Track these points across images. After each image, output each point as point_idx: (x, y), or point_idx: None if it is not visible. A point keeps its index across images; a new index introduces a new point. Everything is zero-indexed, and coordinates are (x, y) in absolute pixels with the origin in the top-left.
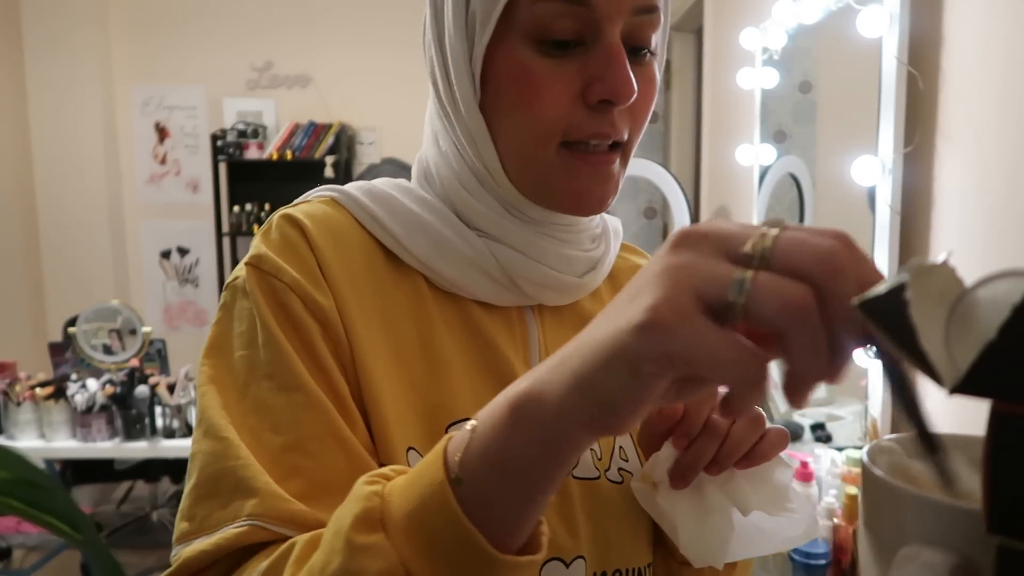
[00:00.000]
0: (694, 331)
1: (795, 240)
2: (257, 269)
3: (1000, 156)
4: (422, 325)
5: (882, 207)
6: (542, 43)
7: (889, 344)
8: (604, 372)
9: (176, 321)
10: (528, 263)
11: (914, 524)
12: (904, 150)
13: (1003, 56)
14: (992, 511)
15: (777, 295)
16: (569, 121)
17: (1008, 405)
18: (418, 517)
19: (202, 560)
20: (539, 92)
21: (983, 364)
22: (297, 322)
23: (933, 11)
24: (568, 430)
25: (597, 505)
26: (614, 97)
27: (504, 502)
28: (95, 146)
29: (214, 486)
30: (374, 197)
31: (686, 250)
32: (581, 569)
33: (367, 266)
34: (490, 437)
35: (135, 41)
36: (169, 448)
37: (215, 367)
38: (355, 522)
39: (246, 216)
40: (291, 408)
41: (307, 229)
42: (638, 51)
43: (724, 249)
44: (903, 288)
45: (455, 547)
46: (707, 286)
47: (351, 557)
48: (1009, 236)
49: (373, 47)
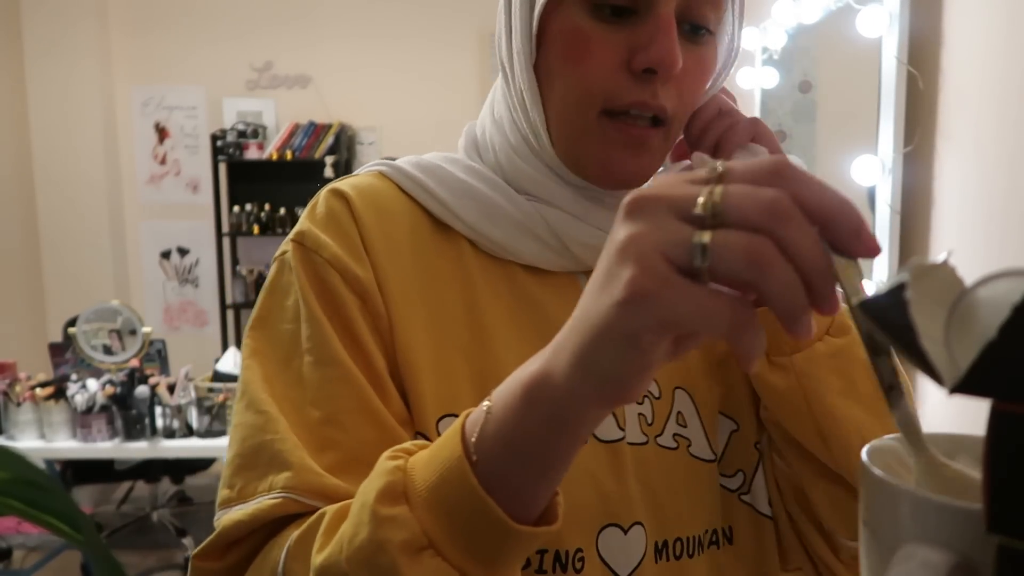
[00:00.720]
0: (677, 294)
1: (740, 195)
2: (300, 245)
3: (1000, 156)
4: (467, 292)
5: (882, 207)
6: (598, 7)
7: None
8: (602, 350)
9: (176, 321)
10: (577, 224)
11: (913, 523)
12: (904, 150)
13: (1003, 56)
14: (992, 511)
15: (736, 253)
16: (612, 87)
17: (1008, 405)
18: (438, 490)
19: (239, 530)
20: (586, 54)
21: (983, 364)
22: (336, 297)
23: (933, 11)
24: (577, 407)
25: (649, 470)
26: (656, 65)
27: (519, 477)
28: (95, 146)
29: (253, 458)
30: (422, 167)
31: (642, 217)
32: (641, 536)
33: (411, 236)
34: (504, 418)
35: (135, 41)
36: (169, 448)
37: (259, 339)
38: (379, 495)
39: (246, 216)
40: (327, 383)
41: (351, 201)
42: (697, 29)
43: (677, 211)
44: (903, 288)
45: (473, 518)
46: (672, 251)
47: (377, 528)
48: (1009, 236)
49: (373, 47)
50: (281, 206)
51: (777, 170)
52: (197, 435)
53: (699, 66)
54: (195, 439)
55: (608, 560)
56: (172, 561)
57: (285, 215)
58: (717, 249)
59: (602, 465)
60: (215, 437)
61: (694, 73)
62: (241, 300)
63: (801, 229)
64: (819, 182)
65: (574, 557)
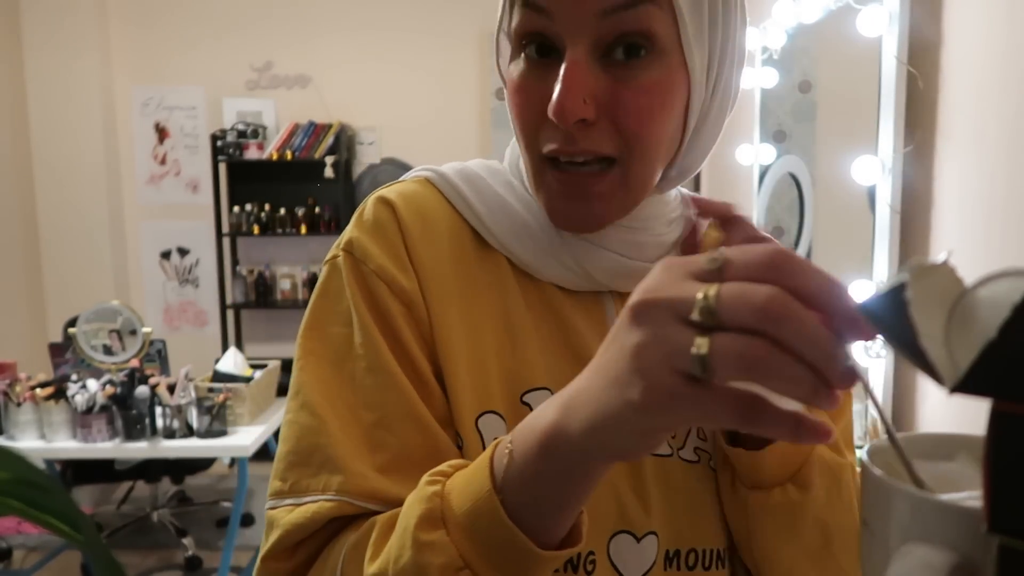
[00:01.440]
0: (684, 403)
1: (734, 298)
2: (349, 254)
3: (1000, 155)
4: (504, 301)
5: (882, 207)
6: (523, 53)
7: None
8: (616, 432)
9: (176, 321)
10: (597, 251)
11: (914, 523)
12: (904, 149)
13: (1003, 56)
14: (992, 511)
15: (733, 360)
16: (539, 135)
17: (1008, 404)
18: (471, 518)
19: (302, 532)
20: (518, 102)
21: (983, 363)
22: (382, 306)
23: (933, 11)
24: (590, 465)
25: (669, 482)
26: (552, 116)
27: (541, 511)
28: (95, 146)
29: (306, 457)
30: (465, 177)
31: (646, 323)
32: (653, 545)
33: (453, 244)
34: (524, 464)
35: (135, 41)
36: (169, 448)
37: (313, 340)
38: (420, 521)
39: (246, 216)
40: (377, 388)
41: (397, 209)
42: (633, 51)
43: (677, 315)
44: (903, 288)
45: (503, 544)
46: (676, 360)
47: (418, 552)
48: (1009, 236)
49: (373, 47)
50: (281, 206)
51: (773, 262)
52: (197, 435)
53: (638, 97)
54: (195, 439)
55: (618, 565)
56: (172, 561)
57: (285, 215)
58: (715, 358)
59: (621, 476)
60: (215, 437)
61: (633, 106)
62: (241, 300)
63: (798, 323)
64: (816, 270)
65: (586, 559)
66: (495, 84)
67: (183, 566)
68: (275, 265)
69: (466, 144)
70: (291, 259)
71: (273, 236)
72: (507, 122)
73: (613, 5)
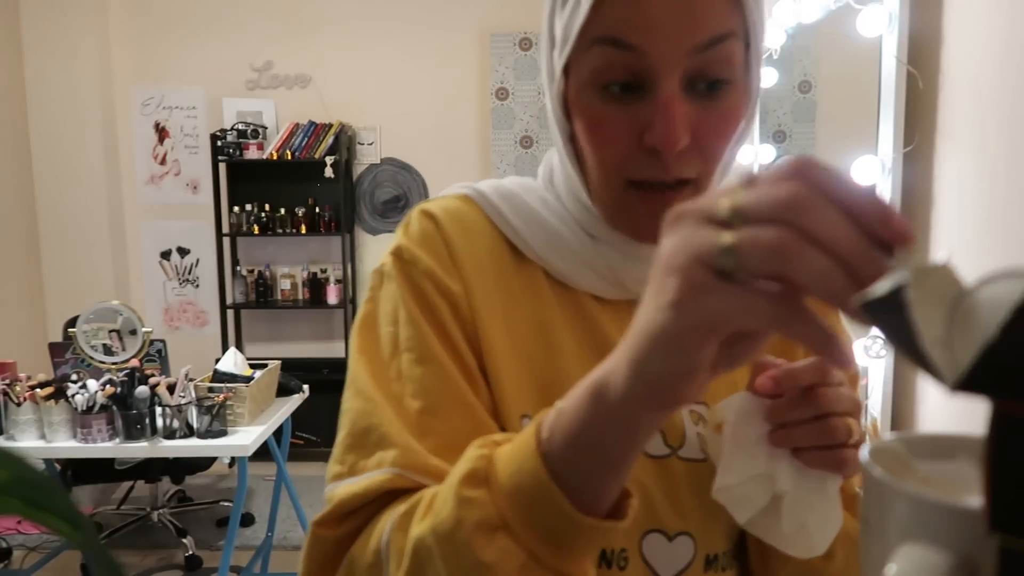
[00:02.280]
0: (715, 296)
1: (760, 193)
2: (399, 258)
3: (1000, 156)
4: (540, 311)
5: None
6: (605, 89)
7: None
8: (652, 353)
9: (176, 321)
10: (633, 264)
11: (914, 523)
12: (904, 150)
13: (1002, 55)
14: (992, 511)
15: (759, 248)
16: (628, 164)
17: (1008, 404)
18: (515, 479)
19: (354, 502)
20: (600, 137)
21: (983, 363)
22: (431, 304)
23: (933, 11)
24: (632, 410)
25: (704, 487)
26: (659, 147)
27: (585, 471)
28: (95, 146)
29: (362, 438)
30: (502, 194)
31: (678, 228)
32: (688, 547)
33: (492, 256)
34: (571, 419)
35: (135, 41)
36: (169, 448)
37: (365, 339)
38: (464, 478)
39: (246, 216)
40: (426, 378)
41: (440, 222)
42: (714, 85)
43: (707, 218)
44: (904, 287)
45: (545, 506)
46: (706, 256)
47: (458, 506)
48: (1009, 236)
49: (373, 47)
50: (281, 206)
51: (799, 167)
52: (197, 435)
53: (720, 121)
54: (195, 439)
55: (651, 562)
56: (172, 561)
57: (285, 215)
58: (741, 248)
59: (651, 477)
60: (215, 437)
61: (715, 129)
62: (241, 300)
63: (823, 214)
64: (843, 174)
65: (619, 556)
66: (495, 84)
67: (183, 566)
68: (275, 265)
69: (466, 144)
70: (291, 259)
71: (273, 236)
72: (507, 122)
73: (702, 43)
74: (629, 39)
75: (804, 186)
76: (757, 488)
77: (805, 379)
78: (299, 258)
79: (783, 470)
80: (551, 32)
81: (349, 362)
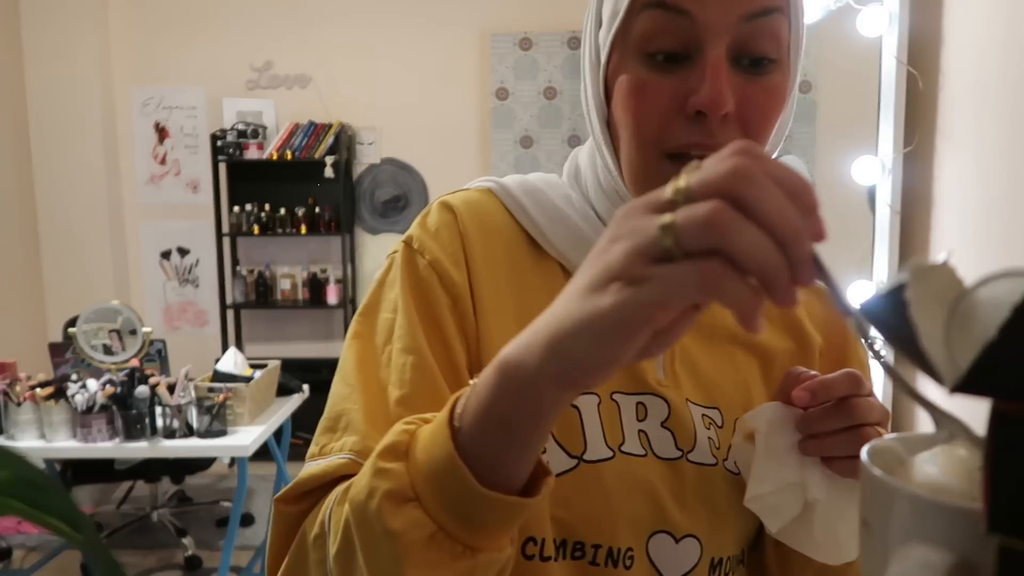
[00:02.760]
0: (653, 284)
1: (703, 172)
2: (408, 246)
3: (1000, 156)
4: None
5: (882, 207)
6: (650, 56)
7: (889, 344)
8: (576, 338)
9: (176, 321)
10: None
11: (913, 524)
12: (904, 150)
13: (1002, 56)
14: (992, 511)
15: (696, 221)
16: (668, 131)
17: (1008, 404)
18: (428, 451)
19: (312, 482)
20: (641, 102)
21: (983, 363)
22: (430, 294)
23: (933, 11)
24: (541, 387)
25: (713, 491)
26: (704, 107)
27: (493, 447)
28: (95, 146)
29: (335, 422)
30: (525, 189)
31: (624, 220)
32: (694, 549)
33: (510, 250)
34: (481, 394)
35: (135, 41)
36: (169, 448)
37: (363, 324)
38: (383, 450)
39: (246, 216)
40: (407, 368)
41: (459, 214)
42: (758, 62)
43: (651, 204)
44: (903, 288)
45: (452, 480)
46: (644, 242)
47: (373, 476)
48: (1009, 236)
49: (373, 47)
50: (281, 206)
51: (742, 147)
52: (197, 435)
53: (763, 97)
54: (195, 439)
55: (657, 563)
56: (172, 561)
57: (285, 215)
58: (678, 225)
59: (661, 480)
60: (215, 437)
61: (758, 105)
62: (241, 300)
63: (762, 186)
64: (782, 163)
65: (624, 555)
66: (495, 84)
67: (183, 566)
68: (275, 265)
69: (466, 144)
70: (291, 259)
71: (273, 236)
72: (507, 122)
73: (754, 11)
74: (680, 3)
75: (746, 160)
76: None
77: (840, 390)
78: (299, 258)
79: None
80: (599, 12)
81: (344, 347)
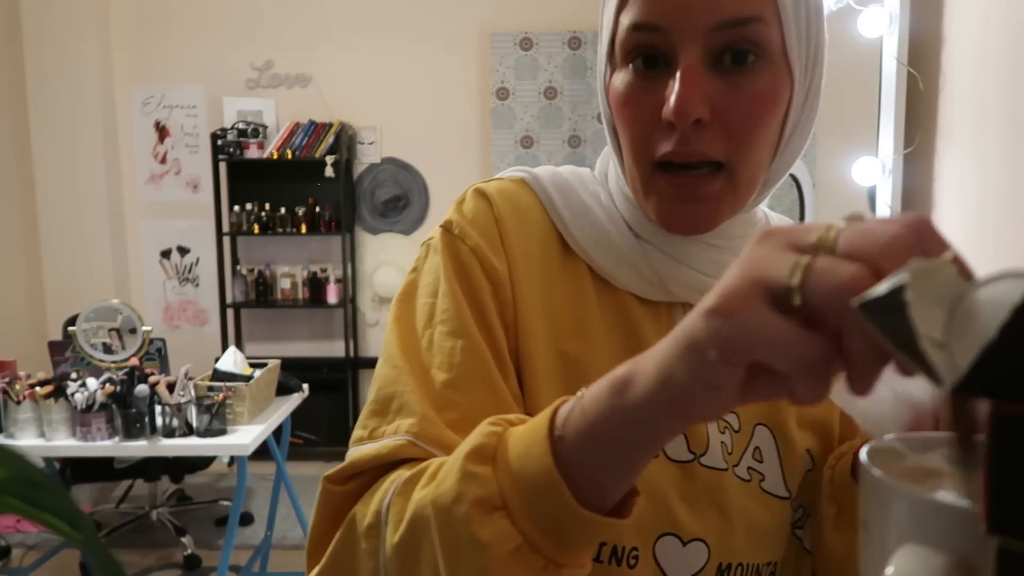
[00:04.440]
0: (751, 317)
1: (860, 229)
2: (448, 232)
3: (1000, 156)
4: (580, 306)
5: (882, 207)
6: (635, 68)
7: (889, 344)
8: (677, 360)
9: (176, 320)
10: (677, 266)
11: (913, 524)
12: (904, 151)
13: (1003, 56)
14: (992, 511)
15: (830, 275)
16: (653, 142)
17: (1008, 405)
18: (521, 460)
19: (365, 463)
20: (627, 113)
21: (983, 364)
22: (473, 280)
23: (933, 11)
24: (650, 413)
25: (723, 496)
26: (671, 116)
27: (593, 465)
28: (95, 145)
29: (385, 405)
30: (556, 182)
31: (760, 245)
32: (702, 553)
33: (541, 243)
34: (590, 409)
35: (135, 41)
36: (168, 447)
37: (403, 309)
38: (471, 452)
39: (246, 215)
40: (456, 351)
41: (494, 202)
42: (742, 57)
43: (794, 241)
44: (903, 288)
45: (546, 494)
46: (770, 273)
47: (461, 480)
48: (1009, 236)
49: (373, 47)
50: (281, 205)
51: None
52: (197, 434)
53: (746, 102)
54: (195, 438)
55: (663, 564)
56: (171, 560)
57: (285, 214)
58: (811, 269)
59: (671, 481)
60: (215, 436)
61: (742, 108)
62: (241, 299)
63: None
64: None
65: (629, 554)
66: (495, 84)
67: (182, 565)
68: (275, 264)
69: (466, 144)
70: (291, 258)
71: (273, 235)
72: (507, 122)
73: (724, 21)
74: (650, 20)
75: (911, 234)
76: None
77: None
78: (299, 257)
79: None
80: (601, 24)
81: (386, 330)
